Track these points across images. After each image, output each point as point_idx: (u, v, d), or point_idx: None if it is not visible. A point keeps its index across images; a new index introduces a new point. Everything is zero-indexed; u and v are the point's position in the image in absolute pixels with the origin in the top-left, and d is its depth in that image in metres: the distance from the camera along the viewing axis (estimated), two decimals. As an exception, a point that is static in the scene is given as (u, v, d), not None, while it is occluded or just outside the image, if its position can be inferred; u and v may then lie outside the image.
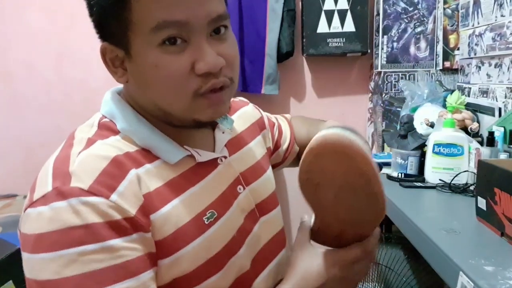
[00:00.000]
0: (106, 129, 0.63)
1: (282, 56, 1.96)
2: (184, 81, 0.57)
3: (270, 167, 0.84)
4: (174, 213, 0.59)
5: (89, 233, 0.52)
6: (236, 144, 0.76)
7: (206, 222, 0.62)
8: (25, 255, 0.54)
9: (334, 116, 2.09)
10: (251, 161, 0.77)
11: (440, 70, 1.88)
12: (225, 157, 0.71)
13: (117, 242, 0.53)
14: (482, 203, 0.92)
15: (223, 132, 0.73)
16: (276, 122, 0.95)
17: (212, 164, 0.68)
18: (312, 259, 0.64)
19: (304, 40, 1.93)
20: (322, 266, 0.63)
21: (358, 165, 0.55)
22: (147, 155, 0.62)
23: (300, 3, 1.95)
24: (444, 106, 1.56)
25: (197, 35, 0.57)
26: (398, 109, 1.86)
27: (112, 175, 0.56)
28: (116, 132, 0.63)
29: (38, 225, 0.53)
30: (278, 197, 0.82)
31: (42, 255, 0.52)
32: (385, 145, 1.74)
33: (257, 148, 0.82)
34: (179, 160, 0.63)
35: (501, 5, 1.43)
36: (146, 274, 0.55)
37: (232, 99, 0.86)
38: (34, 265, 0.53)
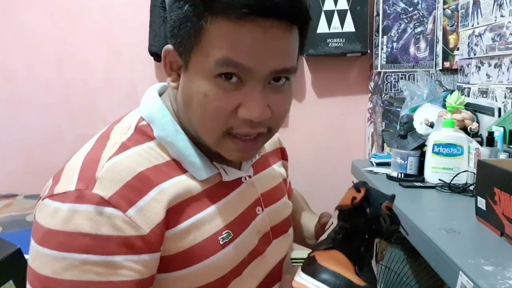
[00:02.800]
0: (142, 134, 0.62)
1: (282, 56, 1.96)
2: (223, 119, 0.57)
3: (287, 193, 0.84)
4: (192, 229, 0.60)
5: (97, 244, 0.52)
6: (261, 164, 0.77)
7: (221, 243, 0.62)
8: (32, 243, 0.55)
9: (334, 116, 2.10)
10: (273, 183, 0.78)
11: (440, 70, 1.88)
12: (250, 177, 0.71)
13: (121, 259, 0.53)
14: (481, 203, 0.92)
15: None
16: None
17: (236, 182, 0.68)
18: None
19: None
20: None
21: None
22: (177, 167, 0.62)
23: (300, 3, 1.95)
24: (444, 106, 1.56)
25: (254, 80, 0.56)
26: (397, 109, 1.86)
27: (135, 189, 0.55)
28: (151, 138, 0.62)
29: (51, 221, 0.53)
30: None
31: (47, 251, 0.53)
32: (385, 145, 1.74)
33: (278, 171, 0.82)
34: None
35: (500, 6, 1.44)
36: None
37: None
38: (37, 257, 0.54)
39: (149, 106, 0.65)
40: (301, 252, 0.85)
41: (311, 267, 0.58)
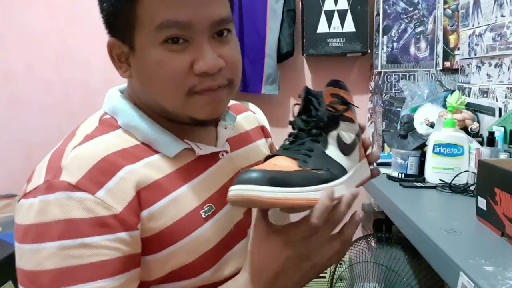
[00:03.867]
0: (107, 125, 0.64)
1: (282, 56, 1.96)
2: (182, 78, 0.59)
3: None
4: (171, 206, 0.60)
5: (71, 228, 0.53)
6: (240, 141, 0.77)
7: (204, 216, 0.63)
8: (16, 244, 0.57)
9: (334, 116, 2.10)
10: (253, 159, 0.77)
11: (440, 70, 1.88)
12: (226, 152, 0.71)
13: (97, 239, 0.54)
14: (482, 203, 0.92)
15: (225, 128, 0.73)
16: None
17: (213, 158, 0.68)
18: (264, 243, 0.58)
19: (304, 40, 1.93)
20: (274, 249, 0.57)
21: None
22: (147, 150, 0.62)
23: (300, 3, 1.95)
24: (444, 106, 1.56)
25: (199, 36, 0.58)
26: (398, 109, 1.86)
27: (102, 171, 0.56)
28: (116, 127, 0.63)
29: (27, 217, 0.55)
30: None
31: (28, 246, 0.55)
32: (385, 145, 1.74)
33: (261, 149, 0.82)
34: (179, 153, 0.64)
35: (501, 5, 1.43)
36: (123, 276, 0.55)
37: (241, 103, 0.87)
38: (21, 255, 0.56)
39: (110, 102, 0.67)
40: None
41: (239, 177, 0.52)
